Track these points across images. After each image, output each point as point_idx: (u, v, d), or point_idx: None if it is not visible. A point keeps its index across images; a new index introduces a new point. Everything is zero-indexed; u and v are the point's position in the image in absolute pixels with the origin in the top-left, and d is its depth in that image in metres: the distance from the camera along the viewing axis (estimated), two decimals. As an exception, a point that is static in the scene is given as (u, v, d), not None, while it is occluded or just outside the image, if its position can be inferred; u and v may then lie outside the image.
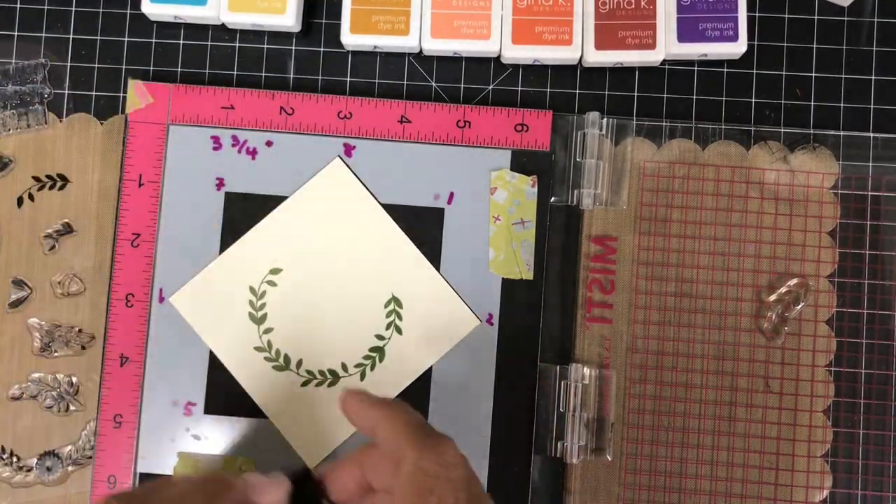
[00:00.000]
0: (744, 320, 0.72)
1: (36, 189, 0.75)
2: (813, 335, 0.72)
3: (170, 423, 0.72)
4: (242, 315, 0.72)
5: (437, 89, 0.76)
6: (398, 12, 0.74)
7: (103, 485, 0.71)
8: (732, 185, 0.73)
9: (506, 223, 0.72)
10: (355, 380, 0.71)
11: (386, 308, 0.72)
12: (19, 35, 0.77)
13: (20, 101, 0.75)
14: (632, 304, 0.72)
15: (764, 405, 0.71)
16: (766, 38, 0.76)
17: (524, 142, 0.73)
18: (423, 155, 0.73)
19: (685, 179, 0.73)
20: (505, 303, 0.72)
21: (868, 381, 0.72)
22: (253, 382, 0.72)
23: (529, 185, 0.72)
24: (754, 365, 0.72)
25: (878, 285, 0.72)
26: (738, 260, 0.72)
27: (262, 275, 0.72)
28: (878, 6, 0.76)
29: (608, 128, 0.73)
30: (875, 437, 0.71)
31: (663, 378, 0.71)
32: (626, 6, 0.73)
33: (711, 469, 0.71)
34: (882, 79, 0.75)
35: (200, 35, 0.77)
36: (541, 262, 0.72)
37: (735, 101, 0.75)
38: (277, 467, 0.71)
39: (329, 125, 0.73)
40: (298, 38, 0.77)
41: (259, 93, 0.74)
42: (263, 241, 0.72)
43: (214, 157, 0.73)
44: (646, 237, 0.73)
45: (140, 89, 0.74)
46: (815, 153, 0.73)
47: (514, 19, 0.73)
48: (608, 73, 0.76)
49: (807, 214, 0.72)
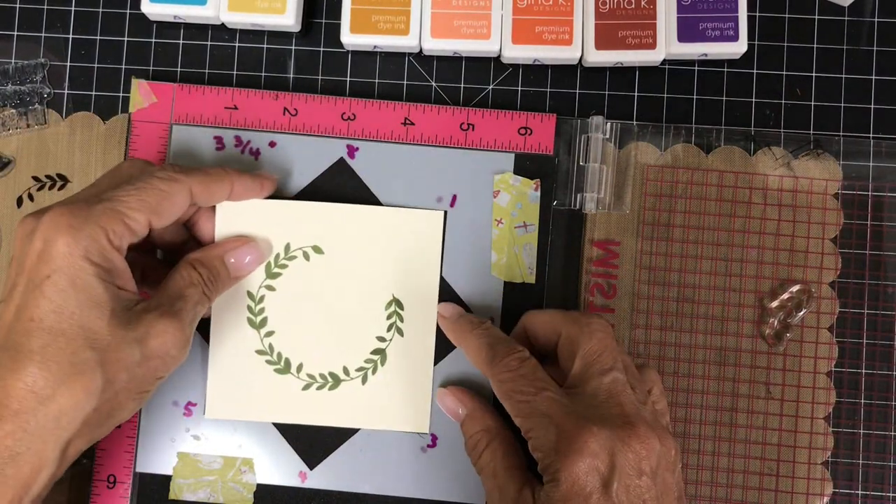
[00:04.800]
0: (746, 326, 0.72)
1: (36, 189, 0.74)
2: (815, 342, 0.72)
3: (170, 424, 0.72)
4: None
5: (437, 89, 0.76)
6: (398, 12, 0.73)
7: (103, 485, 0.71)
8: (735, 191, 0.73)
9: (508, 226, 0.72)
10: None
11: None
12: (19, 35, 0.76)
13: (20, 100, 0.74)
14: (634, 309, 0.72)
15: (765, 411, 0.71)
16: (766, 38, 0.76)
17: (527, 145, 0.73)
18: (427, 157, 0.73)
19: (688, 184, 0.73)
20: (507, 306, 0.72)
21: (870, 388, 0.72)
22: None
23: (532, 189, 0.72)
24: (756, 371, 0.72)
25: (880, 292, 0.72)
26: (741, 265, 0.72)
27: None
28: (878, 6, 0.76)
29: (612, 132, 0.72)
30: (876, 445, 0.72)
31: (664, 383, 0.71)
32: (626, 6, 0.73)
33: (712, 475, 0.71)
34: (882, 79, 0.75)
35: (200, 35, 0.76)
36: (543, 266, 0.72)
37: (735, 101, 0.75)
38: (277, 467, 0.71)
39: (332, 126, 0.73)
40: (298, 38, 0.76)
41: (262, 93, 0.73)
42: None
43: (217, 157, 0.73)
44: (648, 242, 0.73)
45: (144, 89, 0.73)
46: (818, 159, 0.73)
47: (514, 19, 0.73)
48: (608, 72, 0.76)
49: (810, 221, 0.72)
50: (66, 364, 0.56)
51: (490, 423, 0.65)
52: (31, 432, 0.55)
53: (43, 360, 0.55)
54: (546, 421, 0.57)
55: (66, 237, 0.57)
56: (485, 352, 0.64)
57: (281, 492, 0.72)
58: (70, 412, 0.56)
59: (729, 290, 0.72)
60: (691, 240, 0.72)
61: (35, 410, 0.55)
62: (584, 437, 0.55)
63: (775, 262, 0.72)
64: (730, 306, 0.72)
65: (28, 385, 0.55)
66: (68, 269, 0.57)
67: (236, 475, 0.72)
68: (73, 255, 0.57)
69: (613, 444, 0.55)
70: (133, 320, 0.59)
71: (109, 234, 0.58)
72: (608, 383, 0.59)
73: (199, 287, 0.64)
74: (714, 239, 0.72)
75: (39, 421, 0.55)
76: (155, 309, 0.61)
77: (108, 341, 0.57)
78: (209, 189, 0.65)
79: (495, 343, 0.64)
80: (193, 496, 0.71)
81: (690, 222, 0.73)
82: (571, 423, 0.56)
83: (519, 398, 0.60)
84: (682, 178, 0.73)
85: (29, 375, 0.55)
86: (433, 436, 0.71)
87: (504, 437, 0.64)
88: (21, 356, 0.55)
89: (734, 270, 0.72)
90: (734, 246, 0.72)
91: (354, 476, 0.71)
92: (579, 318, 0.63)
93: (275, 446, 0.72)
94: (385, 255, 0.72)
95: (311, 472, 0.71)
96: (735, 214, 0.73)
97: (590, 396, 0.59)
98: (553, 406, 0.58)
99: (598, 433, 0.55)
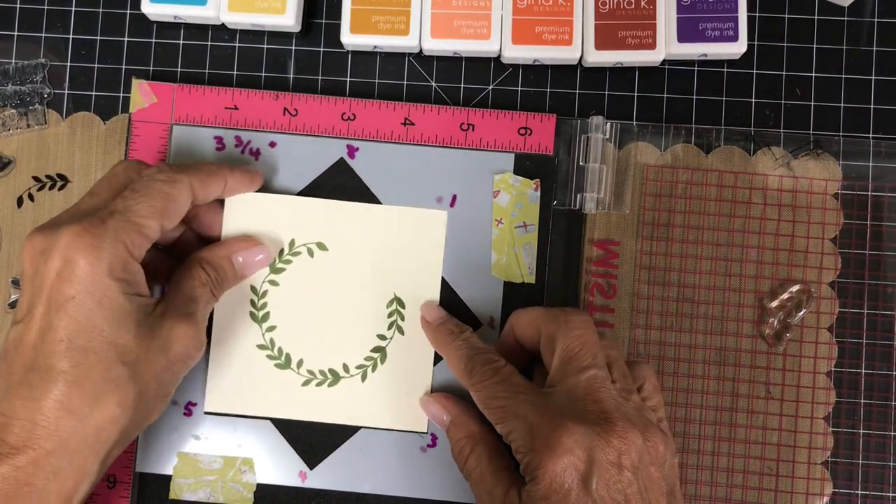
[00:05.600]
0: (745, 326, 0.72)
1: (36, 189, 0.74)
2: (815, 342, 0.72)
3: (170, 423, 0.72)
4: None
5: (437, 89, 0.76)
6: (398, 12, 0.73)
7: (103, 484, 0.71)
8: (735, 191, 0.73)
9: (508, 226, 0.72)
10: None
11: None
12: (19, 35, 0.76)
13: (20, 101, 0.74)
14: (633, 309, 0.72)
15: (765, 411, 0.71)
16: (766, 38, 0.76)
17: (527, 145, 0.73)
18: (426, 157, 0.73)
19: (688, 184, 0.73)
20: (506, 306, 0.72)
21: (869, 388, 0.72)
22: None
23: (532, 189, 0.72)
24: (755, 371, 0.72)
25: (880, 292, 0.73)
26: (741, 265, 0.72)
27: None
28: (878, 6, 0.76)
29: (611, 132, 0.72)
30: (876, 445, 0.72)
31: (664, 383, 0.72)
32: (626, 6, 0.73)
33: (711, 475, 0.71)
34: (882, 79, 0.75)
35: (200, 35, 0.76)
36: (543, 266, 0.72)
37: (735, 102, 0.75)
38: (277, 467, 0.71)
39: (332, 127, 0.73)
40: (298, 38, 0.76)
41: (263, 94, 0.74)
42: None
43: (218, 157, 0.73)
44: (648, 242, 0.73)
45: (144, 89, 0.73)
46: (818, 160, 0.73)
47: (514, 19, 0.73)
48: (608, 73, 0.76)
49: (809, 221, 0.72)
50: (100, 381, 0.57)
51: (474, 429, 0.65)
52: (72, 449, 0.56)
53: (76, 380, 0.56)
54: (523, 422, 0.58)
55: (89, 257, 0.57)
56: (463, 364, 0.65)
57: (281, 492, 0.72)
58: (108, 427, 0.57)
59: (729, 290, 0.72)
60: (691, 240, 0.72)
61: (74, 429, 0.56)
62: (558, 434, 0.55)
63: (775, 262, 0.72)
64: (730, 306, 0.72)
65: (64, 405, 0.56)
66: (94, 289, 0.57)
67: (236, 475, 0.72)
68: (97, 273, 0.57)
69: (591, 440, 0.55)
70: (155, 327, 0.60)
71: (129, 246, 0.59)
72: (585, 380, 0.59)
73: (207, 287, 0.65)
74: (714, 239, 0.72)
75: (79, 438, 0.56)
76: (172, 313, 0.62)
77: (137, 354, 0.59)
78: (206, 186, 0.66)
79: (473, 355, 0.65)
80: (193, 496, 0.71)
81: (690, 222, 0.73)
82: (547, 421, 0.57)
83: (496, 404, 0.61)
84: (682, 178, 0.73)
85: (64, 396, 0.56)
86: (433, 436, 0.71)
87: (488, 441, 0.64)
88: (53, 377, 0.56)
89: (734, 270, 0.72)
90: (734, 246, 0.72)
91: (354, 476, 0.71)
92: (558, 316, 0.63)
93: (275, 446, 0.72)
94: (388, 254, 0.72)
95: (311, 472, 0.71)
96: (735, 214, 0.73)
97: (567, 394, 0.59)
98: (528, 407, 0.59)
99: (573, 429, 0.55)
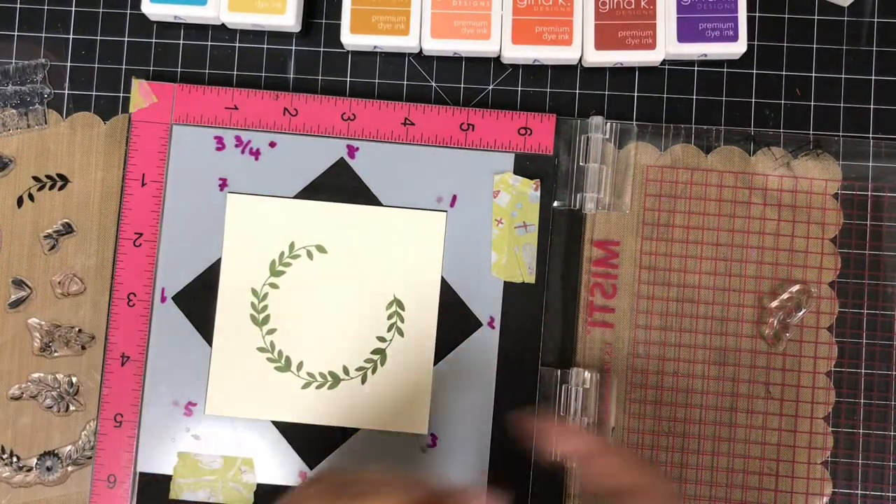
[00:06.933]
0: (745, 326, 0.72)
1: (36, 189, 0.74)
2: (814, 342, 0.72)
3: (170, 423, 0.72)
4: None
5: (437, 89, 0.76)
6: (398, 12, 0.73)
7: (103, 484, 0.71)
8: (735, 191, 0.73)
9: (508, 226, 0.72)
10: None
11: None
12: (19, 35, 0.76)
13: (20, 101, 0.74)
14: (633, 309, 0.72)
15: (765, 411, 0.72)
16: (766, 38, 0.76)
17: (527, 145, 0.73)
18: (427, 157, 0.73)
19: (688, 184, 0.73)
20: (507, 306, 0.72)
21: (869, 388, 0.72)
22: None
23: (532, 189, 0.72)
24: (755, 371, 0.72)
25: (880, 292, 0.73)
26: (741, 266, 0.72)
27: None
28: (878, 6, 0.76)
29: (611, 132, 0.72)
30: (875, 445, 0.72)
31: (664, 383, 0.72)
32: (626, 6, 0.73)
33: (711, 474, 0.71)
34: (882, 79, 0.75)
35: (200, 35, 0.76)
36: (543, 266, 0.72)
37: (735, 102, 0.75)
38: (277, 467, 0.71)
39: (333, 127, 0.73)
40: (298, 38, 0.76)
41: (263, 94, 0.74)
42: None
43: (218, 157, 0.73)
44: (648, 242, 0.73)
45: (144, 89, 0.73)
46: (818, 160, 0.73)
47: (514, 19, 0.73)
48: (608, 73, 0.76)
49: (809, 221, 0.72)
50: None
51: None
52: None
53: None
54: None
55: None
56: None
57: (281, 492, 0.71)
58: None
59: (729, 290, 0.72)
60: (691, 240, 0.72)
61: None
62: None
63: (775, 262, 0.72)
64: (730, 306, 0.72)
65: None
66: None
67: (236, 475, 0.72)
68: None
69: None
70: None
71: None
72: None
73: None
74: (714, 239, 0.72)
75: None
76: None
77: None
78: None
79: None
80: (193, 496, 0.71)
81: (690, 222, 0.73)
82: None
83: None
84: (682, 179, 0.73)
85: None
86: (433, 436, 0.71)
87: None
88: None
89: (734, 270, 0.72)
90: (734, 246, 0.72)
91: (354, 476, 0.71)
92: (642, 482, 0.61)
93: (275, 446, 0.72)
94: (387, 256, 0.72)
95: (311, 472, 0.71)
96: (735, 214, 0.73)
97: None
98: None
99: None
